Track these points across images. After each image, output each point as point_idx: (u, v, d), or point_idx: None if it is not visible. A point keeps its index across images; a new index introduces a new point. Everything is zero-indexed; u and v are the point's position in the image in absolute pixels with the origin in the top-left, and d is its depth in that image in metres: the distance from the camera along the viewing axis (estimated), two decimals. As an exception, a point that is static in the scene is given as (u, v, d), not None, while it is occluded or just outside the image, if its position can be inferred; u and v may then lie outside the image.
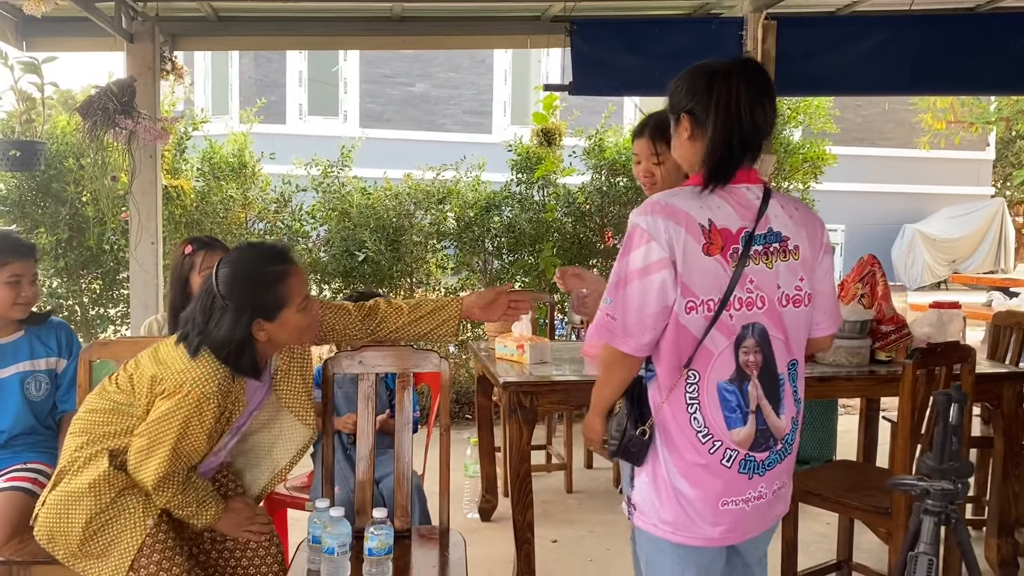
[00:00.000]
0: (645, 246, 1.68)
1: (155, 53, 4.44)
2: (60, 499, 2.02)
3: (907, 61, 4.82)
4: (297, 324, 2.04)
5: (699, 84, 1.75)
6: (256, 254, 2.05)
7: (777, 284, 1.74)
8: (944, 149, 12.90)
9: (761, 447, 1.76)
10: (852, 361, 3.18)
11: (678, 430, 1.74)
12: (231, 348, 1.97)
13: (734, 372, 1.72)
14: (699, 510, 1.75)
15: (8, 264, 2.46)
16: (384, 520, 2.06)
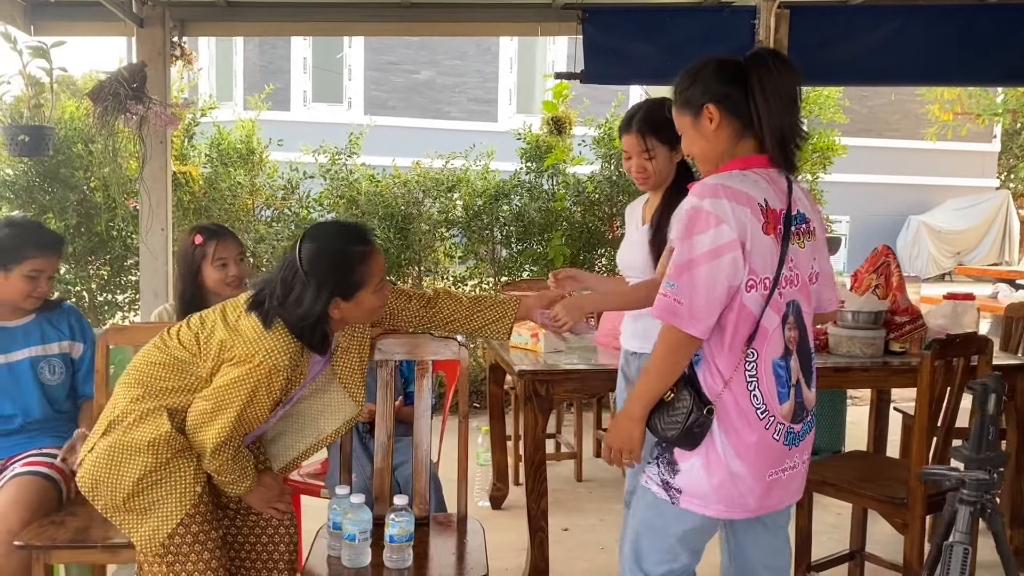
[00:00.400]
0: (714, 228, 1.71)
1: (165, 38, 4.42)
2: (112, 450, 1.99)
3: (920, 51, 4.78)
4: (370, 305, 2.06)
5: (728, 73, 1.80)
6: (341, 232, 2.07)
7: (808, 263, 1.85)
8: (950, 141, 12.86)
9: (798, 419, 1.84)
10: (866, 352, 3.18)
11: (737, 409, 1.78)
12: (307, 324, 1.98)
13: (783, 349, 1.80)
14: (749, 485, 1.80)
15: (30, 259, 2.48)
16: (405, 507, 2.06)
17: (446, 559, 2.15)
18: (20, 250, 2.46)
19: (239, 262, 2.76)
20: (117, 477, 1.98)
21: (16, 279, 2.48)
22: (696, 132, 1.86)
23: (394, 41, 13.35)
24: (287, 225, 5.62)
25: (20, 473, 2.38)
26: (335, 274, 1.98)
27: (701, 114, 1.83)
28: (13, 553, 2.21)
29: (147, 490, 1.99)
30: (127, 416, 2.02)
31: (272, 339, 1.96)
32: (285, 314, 1.97)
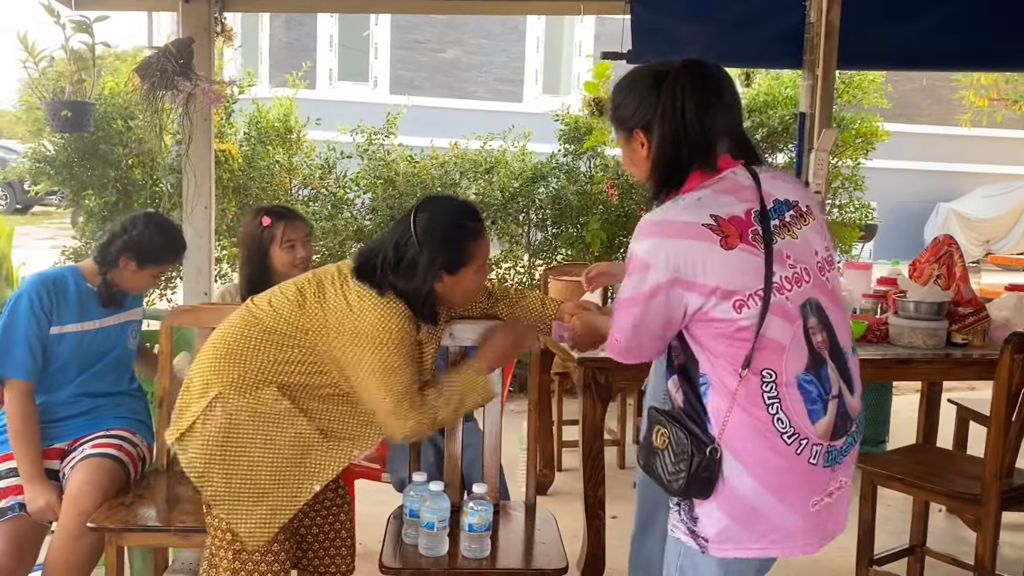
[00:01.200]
0: (640, 274, 1.62)
1: (210, 14, 4.36)
2: (225, 432, 1.92)
3: (979, 34, 4.66)
4: (471, 285, 2.05)
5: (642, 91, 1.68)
6: (456, 207, 2.07)
7: (813, 251, 1.66)
8: (982, 127, 12.67)
9: (839, 433, 1.64)
10: (929, 343, 3.11)
11: (759, 438, 1.59)
12: (418, 295, 1.97)
13: (808, 359, 1.60)
14: (788, 519, 1.61)
15: (163, 266, 2.57)
16: (484, 496, 2.03)
17: (523, 549, 2.12)
18: (162, 256, 2.53)
19: (307, 243, 2.74)
20: (231, 460, 1.92)
21: (145, 277, 2.54)
22: (632, 155, 1.74)
23: (420, 19, 13.25)
24: (324, 205, 5.58)
25: (91, 455, 2.37)
26: (446, 245, 1.97)
27: (633, 138, 1.71)
28: (85, 535, 2.20)
29: (260, 478, 1.93)
30: (237, 395, 1.94)
31: (391, 305, 1.94)
32: (397, 281, 1.95)
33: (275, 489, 1.93)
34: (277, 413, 1.93)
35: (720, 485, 1.61)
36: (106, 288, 2.49)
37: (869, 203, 6.33)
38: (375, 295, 1.94)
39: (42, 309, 2.40)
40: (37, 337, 2.39)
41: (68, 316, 2.45)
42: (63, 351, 2.46)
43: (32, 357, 2.38)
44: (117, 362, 2.58)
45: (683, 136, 1.63)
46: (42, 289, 2.41)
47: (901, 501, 3.71)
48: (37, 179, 5.19)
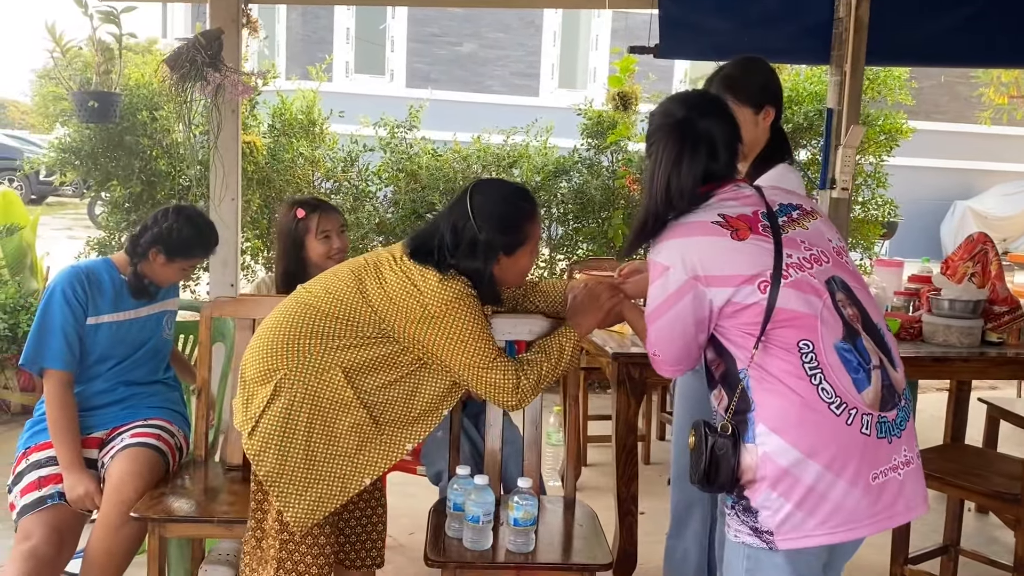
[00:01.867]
0: (662, 279, 1.69)
1: (239, 5, 4.36)
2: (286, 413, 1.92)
3: (1009, 31, 4.62)
4: (524, 266, 2.06)
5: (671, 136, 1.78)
6: (511, 189, 2.08)
7: (827, 238, 1.74)
8: (1001, 125, 12.58)
9: (889, 406, 1.63)
10: (964, 342, 3.09)
11: (806, 411, 1.58)
12: (481, 275, 1.98)
13: (843, 330, 1.63)
14: (850, 494, 1.58)
15: (193, 259, 2.58)
16: (529, 490, 2.02)
17: (563, 543, 2.12)
18: (191, 249, 2.53)
19: (341, 234, 2.75)
20: (289, 443, 1.91)
21: (174, 270, 2.54)
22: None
23: (437, 13, 13.23)
24: (347, 197, 5.59)
25: (131, 444, 2.37)
26: (505, 227, 1.98)
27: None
28: (127, 524, 2.21)
29: (315, 463, 1.92)
30: (302, 379, 1.93)
31: (455, 281, 1.94)
32: (458, 262, 1.96)
33: (327, 477, 1.93)
34: (339, 401, 1.93)
35: (774, 469, 1.59)
36: (136, 279, 2.50)
37: (892, 200, 6.29)
38: (437, 273, 1.95)
39: (76, 301, 2.41)
40: (73, 328, 2.40)
41: (103, 307, 2.46)
42: (99, 341, 2.47)
43: (69, 348, 2.39)
44: (153, 351, 2.60)
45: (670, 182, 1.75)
46: (75, 281, 2.42)
47: (931, 500, 3.69)
48: (63, 169, 5.21)
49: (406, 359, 1.97)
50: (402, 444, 1.98)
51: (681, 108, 1.81)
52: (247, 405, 1.99)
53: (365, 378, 1.96)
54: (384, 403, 1.97)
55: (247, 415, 1.97)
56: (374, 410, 1.96)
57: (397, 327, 1.93)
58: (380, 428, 1.97)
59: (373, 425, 1.96)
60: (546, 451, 4.00)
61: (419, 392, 2.00)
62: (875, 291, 3.36)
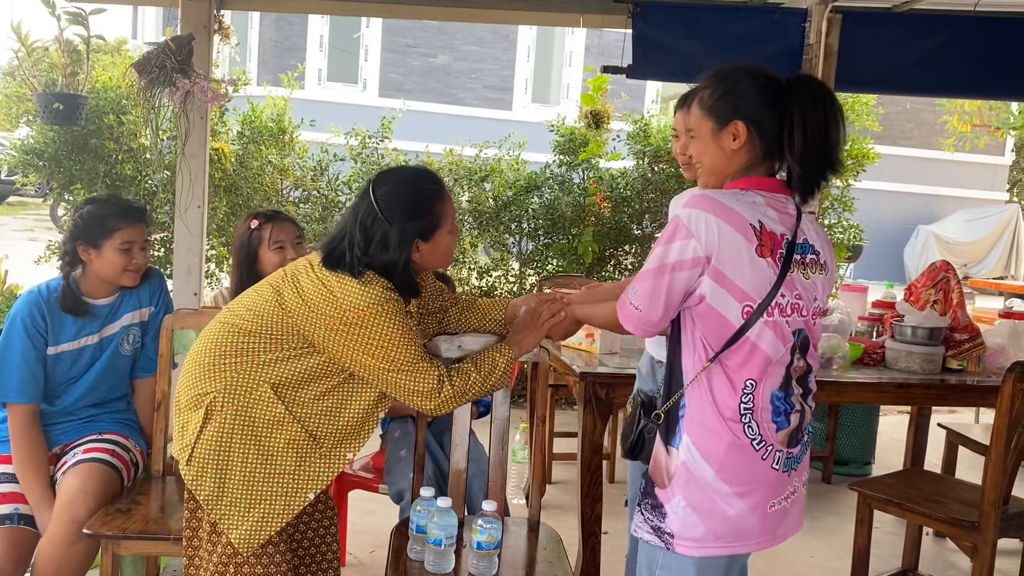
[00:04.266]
0: (682, 241, 1.65)
1: (211, 11, 4.32)
2: (220, 436, 1.89)
3: (969, 63, 4.73)
4: (447, 246, 2.02)
5: (765, 96, 1.70)
6: (413, 173, 2.03)
7: (814, 296, 1.75)
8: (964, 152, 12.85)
9: (795, 442, 1.75)
10: (925, 368, 3.13)
11: (730, 440, 1.67)
12: (397, 270, 1.92)
13: (783, 379, 1.71)
14: (748, 519, 1.70)
15: (120, 229, 2.37)
16: (493, 513, 2.00)
17: (527, 567, 2.09)
18: (106, 223, 2.37)
19: (297, 246, 2.68)
20: (225, 465, 1.88)
21: (110, 254, 2.38)
22: (714, 144, 1.75)
23: (412, 23, 13.22)
24: (315, 207, 5.54)
25: (83, 460, 2.31)
26: (415, 214, 1.93)
27: (726, 128, 1.72)
28: (79, 542, 2.15)
29: (254, 483, 1.89)
30: (231, 400, 1.90)
31: (373, 285, 1.89)
32: (372, 261, 1.91)
33: (269, 496, 1.90)
34: (271, 419, 1.90)
35: (690, 478, 1.69)
36: (71, 297, 2.38)
37: (858, 224, 6.38)
38: (353, 278, 1.90)
39: (36, 330, 2.34)
40: (35, 358, 2.34)
41: (64, 335, 2.39)
42: (60, 370, 2.41)
43: (33, 378, 2.34)
44: (108, 369, 2.49)
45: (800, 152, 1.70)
46: (35, 310, 2.35)
47: (889, 524, 3.73)
48: (25, 171, 5.10)
49: (334, 369, 1.94)
50: (342, 455, 1.96)
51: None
52: (182, 433, 1.95)
53: (295, 392, 1.93)
54: (318, 415, 1.94)
55: (182, 443, 1.93)
56: (308, 424, 1.93)
57: (317, 337, 1.90)
58: (317, 441, 1.94)
59: (310, 439, 1.93)
60: (511, 468, 3.98)
61: (352, 401, 1.97)
62: (840, 316, 3.40)
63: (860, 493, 2.84)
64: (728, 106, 1.71)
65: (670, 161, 5.73)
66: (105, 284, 2.44)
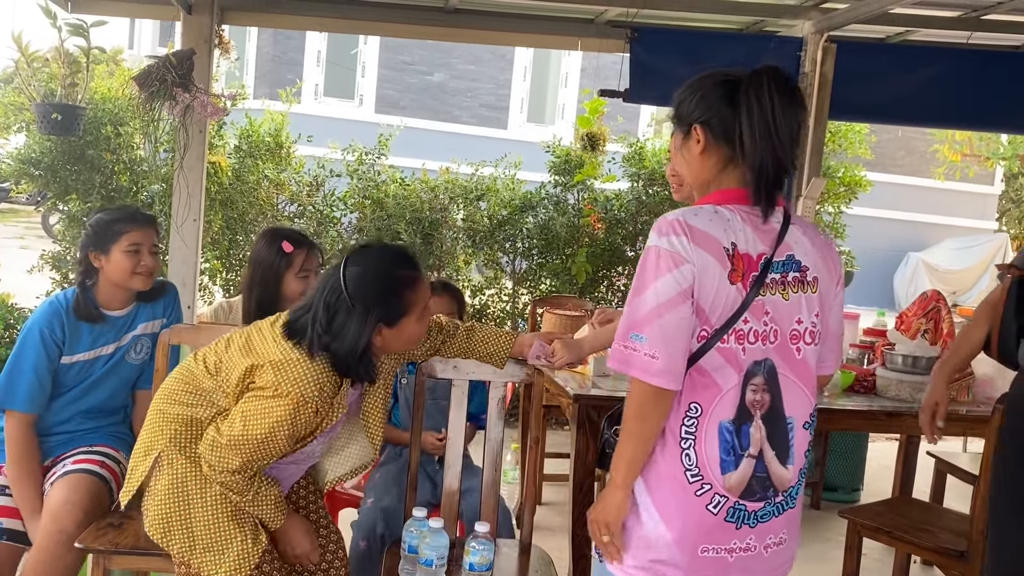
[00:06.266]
0: (677, 270, 1.52)
1: (212, 26, 4.34)
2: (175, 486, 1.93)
3: (961, 95, 4.80)
4: (412, 333, 1.97)
5: (716, 94, 1.60)
6: (388, 256, 1.99)
7: (796, 318, 1.61)
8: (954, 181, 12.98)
9: (755, 496, 1.59)
10: (916, 397, 3.15)
11: (665, 465, 1.58)
12: (354, 355, 1.88)
13: (736, 411, 1.58)
14: (675, 555, 1.58)
15: (127, 232, 2.39)
16: (486, 535, 2.00)
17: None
18: (113, 227, 2.40)
19: (318, 272, 2.69)
20: (188, 514, 1.91)
21: (117, 257, 2.40)
22: (686, 154, 1.66)
23: (409, 41, 13.28)
24: (310, 222, 5.55)
25: (71, 471, 2.30)
26: (382, 299, 1.89)
27: (690, 134, 1.64)
28: (68, 554, 2.14)
29: (219, 522, 1.92)
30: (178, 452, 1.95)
31: (305, 368, 1.87)
32: (331, 343, 1.88)
33: (239, 533, 1.93)
34: None
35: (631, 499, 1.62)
36: (85, 304, 2.40)
37: (849, 251, 6.43)
38: (295, 354, 1.88)
39: (53, 340, 2.36)
40: (46, 369, 2.35)
41: (80, 345, 2.41)
42: (68, 378, 2.42)
43: (41, 389, 2.35)
44: (110, 375, 2.50)
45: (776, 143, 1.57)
46: (55, 320, 2.37)
47: (878, 551, 3.74)
48: (20, 179, 5.10)
49: None
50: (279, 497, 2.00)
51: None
52: (130, 475, 2.00)
53: None
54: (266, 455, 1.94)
55: (127, 487, 1.99)
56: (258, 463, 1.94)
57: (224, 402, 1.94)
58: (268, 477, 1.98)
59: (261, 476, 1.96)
60: (502, 490, 3.97)
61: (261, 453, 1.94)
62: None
63: (850, 520, 2.85)
64: (687, 111, 1.65)
65: (664, 184, 5.77)
66: (119, 292, 2.46)
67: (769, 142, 1.56)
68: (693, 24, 5.04)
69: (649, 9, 4.66)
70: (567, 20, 5.08)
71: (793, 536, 1.69)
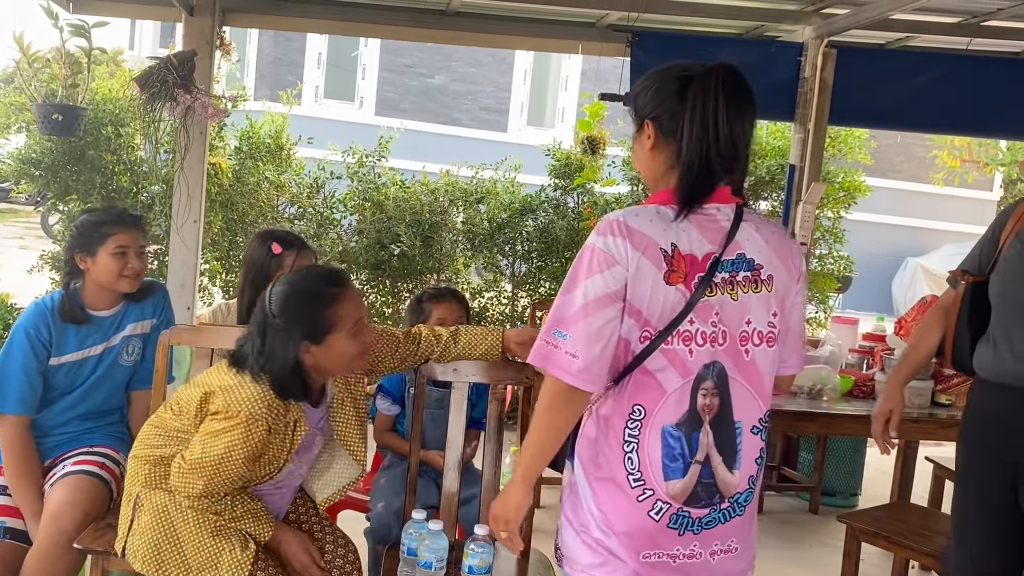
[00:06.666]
0: (609, 271, 1.49)
1: (214, 27, 4.34)
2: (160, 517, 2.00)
3: (961, 101, 4.81)
4: (345, 350, 1.98)
5: (669, 89, 1.56)
6: (311, 275, 2.05)
7: (746, 319, 1.56)
8: (952, 187, 12.99)
9: (700, 503, 1.56)
10: (914, 402, 3.16)
11: (608, 468, 1.55)
12: (286, 373, 1.94)
13: (684, 415, 1.54)
14: (618, 559, 1.56)
15: (114, 235, 2.38)
16: (486, 538, 2.00)
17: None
18: (99, 229, 2.38)
19: None
20: (177, 539, 1.98)
21: (104, 259, 2.38)
22: (638, 148, 1.63)
23: (410, 44, 13.28)
24: (310, 224, 5.55)
25: (72, 472, 2.31)
26: (300, 316, 1.93)
27: (641, 130, 1.61)
28: (67, 555, 2.14)
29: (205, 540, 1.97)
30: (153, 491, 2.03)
31: (250, 389, 1.93)
32: (267, 364, 1.94)
33: (225, 543, 1.97)
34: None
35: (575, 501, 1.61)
36: (70, 306, 2.39)
37: (848, 256, 6.44)
38: (239, 378, 1.95)
39: (40, 341, 2.35)
40: (36, 369, 2.35)
41: (68, 346, 2.40)
42: (60, 379, 2.42)
43: (31, 390, 2.34)
44: (105, 378, 2.50)
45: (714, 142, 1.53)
46: (40, 321, 2.36)
47: (876, 556, 3.74)
48: (20, 179, 5.10)
49: None
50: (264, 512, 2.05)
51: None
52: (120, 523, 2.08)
53: None
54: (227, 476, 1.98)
55: (120, 533, 2.06)
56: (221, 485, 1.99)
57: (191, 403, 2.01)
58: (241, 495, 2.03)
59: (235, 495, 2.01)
60: (500, 491, 3.97)
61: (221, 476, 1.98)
62: (831, 348, 3.43)
63: (848, 525, 2.86)
64: (640, 105, 1.61)
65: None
66: (105, 293, 2.45)
67: (703, 143, 1.52)
68: (694, 29, 5.05)
69: (650, 13, 4.67)
70: (568, 24, 5.10)
71: (747, 545, 1.65)
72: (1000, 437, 2.21)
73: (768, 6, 4.71)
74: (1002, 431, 2.20)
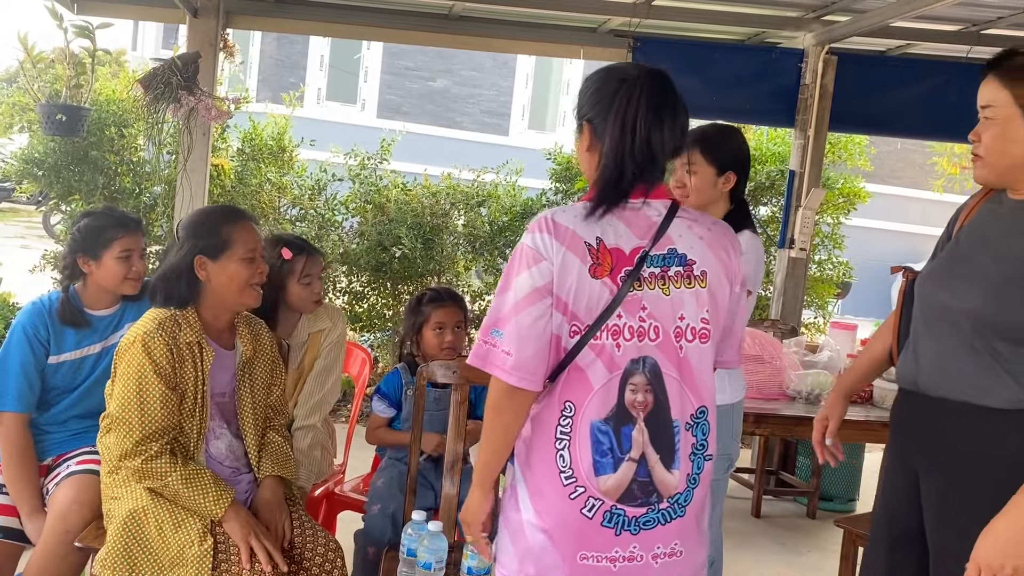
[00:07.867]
0: (532, 268, 1.50)
1: (217, 29, 4.37)
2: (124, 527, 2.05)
3: (961, 108, 4.80)
4: (237, 274, 2.13)
5: (605, 92, 1.56)
6: (218, 206, 2.31)
7: (679, 314, 1.55)
8: (952, 193, 13.02)
9: (636, 502, 1.54)
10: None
11: (540, 466, 1.54)
12: (172, 277, 2.11)
13: (612, 410, 1.52)
14: (555, 561, 1.53)
15: (118, 239, 2.40)
16: (485, 538, 2.01)
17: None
18: (104, 234, 2.40)
19: (321, 277, 2.69)
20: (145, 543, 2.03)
21: (109, 263, 2.40)
22: (579, 147, 1.63)
23: (412, 47, 13.33)
24: (312, 226, 5.57)
25: (76, 471, 2.31)
26: (198, 233, 2.14)
27: (582, 132, 1.61)
28: (71, 554, 2.16)
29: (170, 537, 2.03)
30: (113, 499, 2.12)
31: (149, 319, 2.10)
32: (162, 277, 2.14)
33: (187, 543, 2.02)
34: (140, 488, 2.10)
35: (510, 502, 1.60)
36: (70, 309, 2.40)
37: (847, 261, 6.46)
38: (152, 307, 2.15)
39: (38, 340, 2.37)
40: (34, 367, 2.36)
41: (66, 345, 2.41)
42: (59, 377, 2.43)
43: (30, 388, 2.36)
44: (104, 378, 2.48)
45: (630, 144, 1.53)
46: (38, 319, 2.38)
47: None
48: (23, 179, 5.13)
49: None
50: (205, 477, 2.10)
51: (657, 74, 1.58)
52: None
53: None
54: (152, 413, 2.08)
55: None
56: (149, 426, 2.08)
57: None
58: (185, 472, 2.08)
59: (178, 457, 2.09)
60: (499, 493, 3.98)
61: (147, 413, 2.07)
62: (829, 353, 3.44)
63: (846, 530, 2.87)
64: (579, 105, 1.62)
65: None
66: (106, 294, 2.47)
67: (620, 146, 1.53)
68: (695, 35, 5.08)
69: (652, 19, 4.70)
70: (570, 29, 5.12)
71: (692, 549, 1.61)
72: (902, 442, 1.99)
73: (769, 13, 4.74)
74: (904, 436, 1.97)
